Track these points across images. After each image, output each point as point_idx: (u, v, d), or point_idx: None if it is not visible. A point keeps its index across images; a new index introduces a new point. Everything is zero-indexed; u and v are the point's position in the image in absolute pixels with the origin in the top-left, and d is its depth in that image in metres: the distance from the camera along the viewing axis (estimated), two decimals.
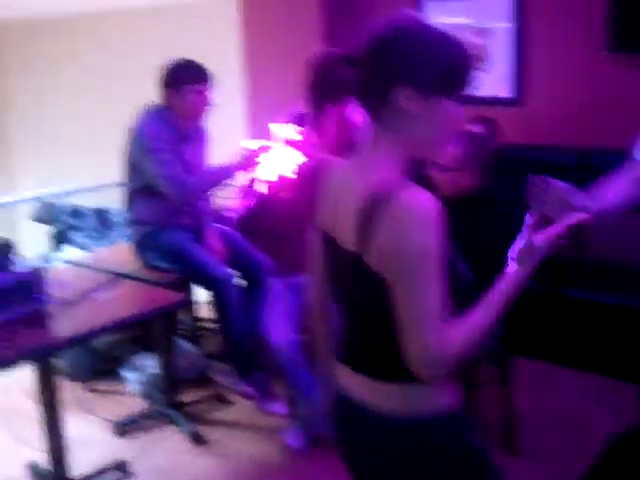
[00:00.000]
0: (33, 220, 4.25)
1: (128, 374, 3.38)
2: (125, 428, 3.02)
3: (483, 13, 3.78)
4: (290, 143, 2.59)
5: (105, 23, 6.74)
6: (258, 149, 2.78)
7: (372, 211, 1.14)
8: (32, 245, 2.23)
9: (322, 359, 1.51)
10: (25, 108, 7.99)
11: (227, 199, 3.58)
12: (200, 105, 2.80)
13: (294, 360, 2.64)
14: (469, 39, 3.75)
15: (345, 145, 2.29)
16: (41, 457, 2.64)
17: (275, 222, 2.85)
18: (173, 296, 2.52)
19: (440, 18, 3.62)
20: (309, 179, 2.69)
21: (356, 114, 2.34)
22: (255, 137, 2.91)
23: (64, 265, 2.66)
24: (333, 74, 2.37)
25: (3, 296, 2.10)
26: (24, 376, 2.75)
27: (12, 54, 8.02)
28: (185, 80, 2.76)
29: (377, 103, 1.18)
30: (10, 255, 2.17)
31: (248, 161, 2.78)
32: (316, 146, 2.54)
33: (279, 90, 4.20)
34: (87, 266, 2.74)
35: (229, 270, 2.68)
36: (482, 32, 3.77)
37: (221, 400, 3.21)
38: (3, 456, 2.76)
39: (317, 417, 2.74)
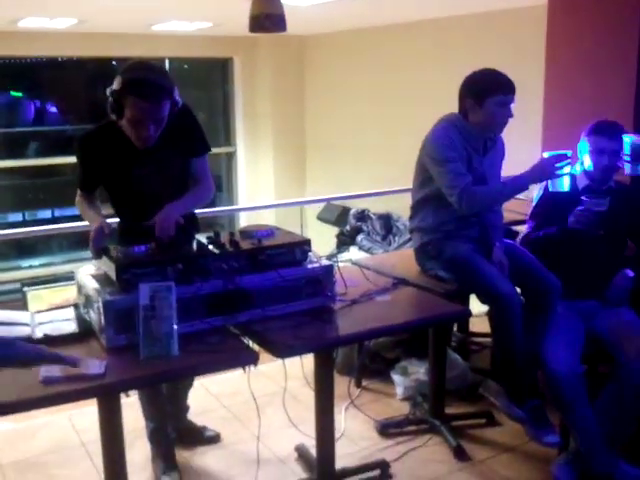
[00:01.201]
0: (319, 219, 4.56)
1: (396, 377, 3.44)
2: (388, 429, 3.07)
3: None
4: None
5: (399, 34, 6.99)
6: (557, 158, 2.62)
7: None
8: (319, 244, 2.34)
9: None
10: (317, 118, 8.61)
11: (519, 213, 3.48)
12: (501, 117, 2.71)
13: (574, 391, 2.46)
14: None
15: None
16: (309, 442, 2.80)
17: (575, 247, 2.69)
18: (454, 307, 2.48)
19: None
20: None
21: None
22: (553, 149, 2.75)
23: (348, 265, 2.76)
24: None
25: (297, 289, 2.24)
26: (305, 363, 2.94)
27: (309, 67, 8.69)
28: (489, 92, 2.68)
29: None
30: (307, 252, 2.30)
31: (545, 171, 2.64)
32: None
33: (577, 105, 3.97)
34: (370, 268, 2.81)
35: (513, 286, 2.58)
36: None
37: (488, 419, 3.13)
38: (275, 434, 2.96)
39: (592, 454, 2.54)
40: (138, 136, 2.32)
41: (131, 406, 2.71)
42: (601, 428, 2.51)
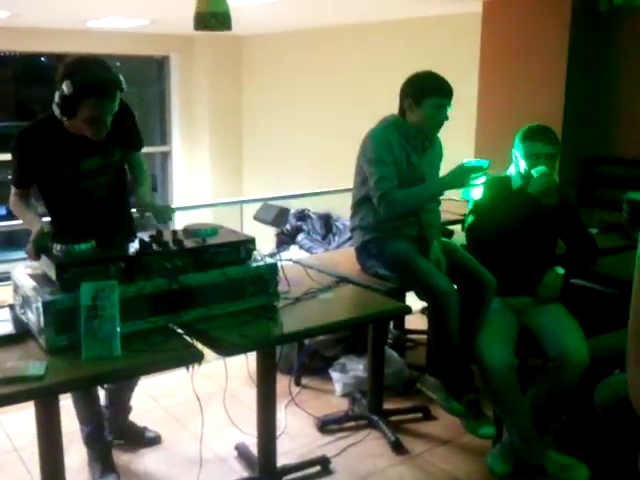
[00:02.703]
0: (256, 219, 4.56)
1: (335, 374, 3.48)
2: (328, 426, 3.11)
3: None
4: None
5: (340, 37, 7.05)
6: (474, 168, 2.73)
7: None
8: (257, 244, 2.36)
9: None
10: (255, 118, 8.60)
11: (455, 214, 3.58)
12: (437, 120, 2.79)
13: (508, 384, 2.56)
14: None
15: None
16: (250, 441, 2.81)
17: (502, 241, 2.79)
18: (395, 303, 2.54)
19: None
20: None
21: None
22: (479, 156, 2.87)
23: (289, 264, 2.79)
24: None
25: (241, 287, 2.25)
26: (244, 362, 2.95)
27: (246, 67, 8.66)
28: (427, 93, 2.76)
29: None
30: (251, 250, 2.31)
31: (460, 180, 2.75)
32: None
33: (509, 110, 4.11)
34: (311, 267, 2.84)
35: (451, 283, 2.65)
36: None
37: (425, 413, 3.21)
38: (216, 434, 2.96)
39: (524, 444, 2.64)
40: (96, 131, 2.32)
41: (64, 409, 2.66)
42: (533, 419, 2.62)
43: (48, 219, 2.55)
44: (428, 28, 5.91)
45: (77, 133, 2.35)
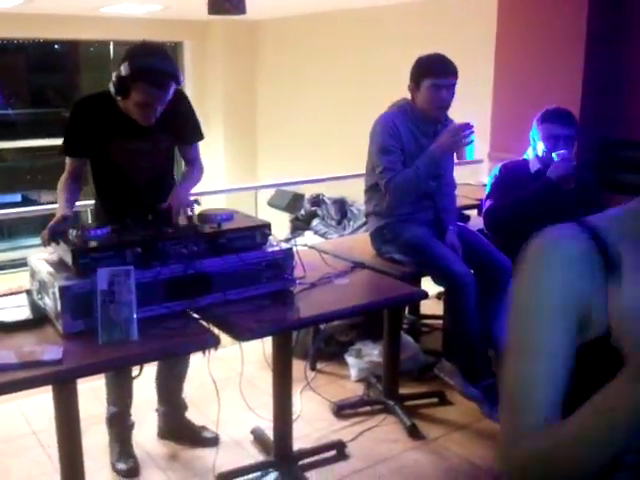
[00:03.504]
0: (270, 205, 4.55)
1: (350, 359, 3.49)
2: (343, 411, 3.12)
3: None
4: None
5: (355, 19, 7.00)
6: (462, 127, 2.69)
7: None
8: (273, 229, 2.36)
9: None
10: (269, 103, 8.58)
11: (471, 198, 3.56)
12: (437, 100, 2.76)
13: None
14: None
15: None
16: (265, 425, 2.82)
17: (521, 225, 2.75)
18: (410, 288, 2.53)
19: None
20: None
21: None
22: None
23: (305, 249, 2.78)
24: None
25: (257, 272, 2.25)
26: (259, 348, 2.95)
27: (260, 53, 8.63)
28: (422, 75, 2.75)
29: None
30: (267, 235, 2.31)
31: (453, 139, 2.71)
32: None
33: (526, 93, 4.05)
34: (327, 252, 2.84)
35: (467, 267, 2.64)
36: None
37: (440, 398, 3.20)
38: (233, 418, 2.97)
39: None
40: (144, 117, 2.36)
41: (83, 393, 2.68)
42: None
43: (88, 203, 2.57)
44: (444, 9, 5.85)
45: (129, 115, 2.38)
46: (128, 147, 2.46)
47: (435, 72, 2.73)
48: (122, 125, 2.41)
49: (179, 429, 2.88)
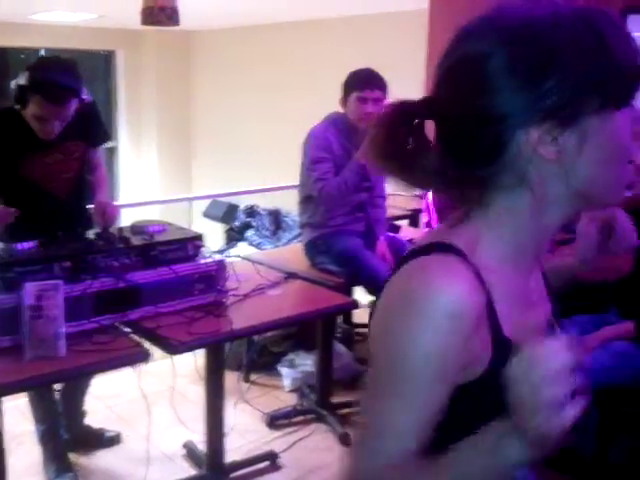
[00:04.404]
0: (205, 216, 4.54)
1: (284, 370, 3.50)
2: (276, 421, 3.13)
3: None
4: None
5: (287, 33, 7.05)
6: None
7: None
8: (207, 240, 2.37)
9: None
10: (204, 114, 8.52)
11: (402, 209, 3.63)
12: (363, 113, 2.83)
13: None
14: None
15: None
16: (198, 439, 2.80)
17: None
18: (342, 298, 2.57)
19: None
20: None
21: None
22: None
23: (239, 260, 2.79)
24: None
25: (189, 284, 2.24)
26: (188, 360, 2.93)
27: (195, 63, 8.58)
28: (349, 87, 2.83)
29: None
30: (199, 247, 2.31)
31: None
32: None
33: None
34: (261, 263, 2.85)
35: None
36: None
37: None
38: (163, 433, 2.94)
39: None
40: (43, 131, 2.31)
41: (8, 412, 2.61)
42: None
43: None
44: (378, 24, 5.96)
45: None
46: (41, 162, 2.41)
47: (361, 85, 2.81)
48: (31, 140, 2.35)
49: (81, 436, 2.87)
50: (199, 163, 8.67)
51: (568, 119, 0.73)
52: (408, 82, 3.59)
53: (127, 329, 2.12)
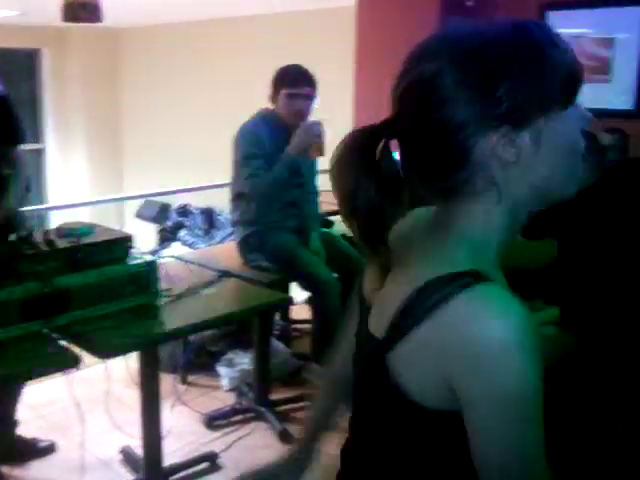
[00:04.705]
0: (138, 217, 4.46)
1: (221, 369, 3.48)
2: (215, 421, 3.10)
3: (608, 24, 3.71)
4: None
5: (218, 30, 6.99)
6: (309, 125, 2.78)
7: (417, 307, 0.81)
8: (140, 241, 2.33)
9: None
10: (134, 113, 8.37)
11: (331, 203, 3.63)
12: (292, 109, 2.84)
13: None
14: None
15: None
16: (135, 443, 2.76)
17: None
18: (277, 295, 2.57)
19: (562, 29, 3.56)
20: None
21: None
22: None
23: (171, 260, 2.76)
24: None
25: (119, 287, 2.20)
26: (122, 365, 2.88)
27: (123, 62, 8.42)
28: (278, 84, 2.83)
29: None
30: (128, 248, 2.27)
31: (306, 136, 2.78)
32: None
33: (386, 95, 4.21)
34: (193, 262, 2.83)
35: (331, 273, 2.72)
36: (606, 43, 3.71)
37: (311, 401, 3.26)
38: (99, 439, 2.88)
39: None
40: None
41: None
42: None
43: None
44: (308, 20, 5.98)
45: None
46: None
47: (290, 82, 2.82)
48: None
49: (14, 447, 2.78)
50: (130, 164, 8.52)
51: (521, 121, 0.81)
52: (337, 78, 3.63)
53: (56, 335, 2.07)
